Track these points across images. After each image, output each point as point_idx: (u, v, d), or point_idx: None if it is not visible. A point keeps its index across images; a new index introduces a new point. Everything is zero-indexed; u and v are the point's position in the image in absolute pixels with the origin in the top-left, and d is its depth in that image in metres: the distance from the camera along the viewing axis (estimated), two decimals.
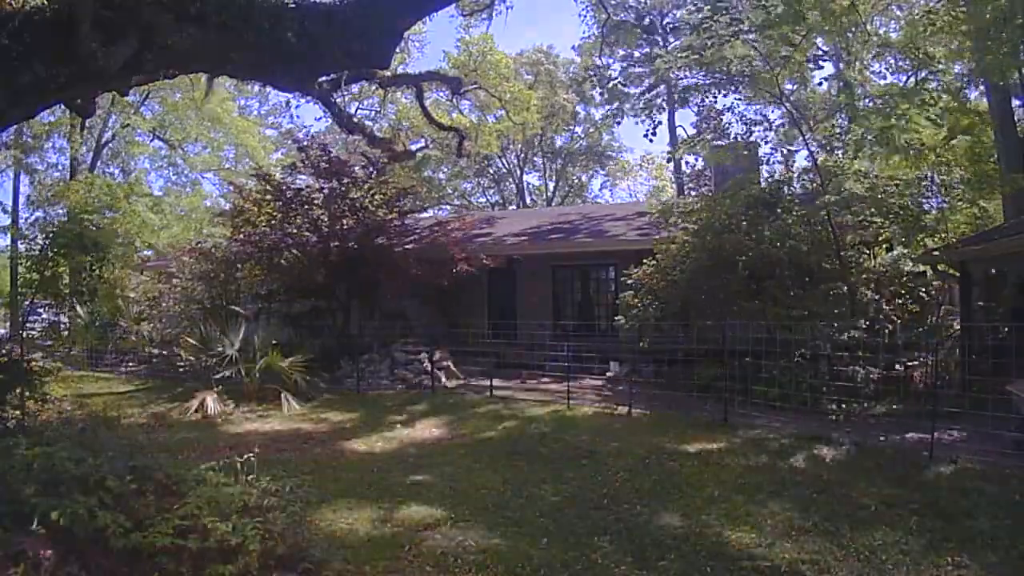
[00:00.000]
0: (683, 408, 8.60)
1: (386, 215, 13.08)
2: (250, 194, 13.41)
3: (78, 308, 16.28)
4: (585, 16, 25.86)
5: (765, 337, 8.35)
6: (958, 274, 11.15)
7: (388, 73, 13.27)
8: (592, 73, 26.10)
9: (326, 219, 12.78)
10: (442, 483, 5.78)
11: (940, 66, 12.34)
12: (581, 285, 14.64)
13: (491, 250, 13.70)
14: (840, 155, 10.22)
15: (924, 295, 9.57)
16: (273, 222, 12.96)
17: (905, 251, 10.18)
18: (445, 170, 33.99)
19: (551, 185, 37.90)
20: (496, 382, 10.36)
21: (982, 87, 15.13)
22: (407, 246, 12.93)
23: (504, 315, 13.73)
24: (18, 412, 6.76)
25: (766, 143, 11.15)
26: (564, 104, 30.85)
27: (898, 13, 18.04)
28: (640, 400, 8.77)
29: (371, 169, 13.65)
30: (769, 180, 10.91)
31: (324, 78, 9.74)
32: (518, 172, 36.21)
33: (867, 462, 6.09)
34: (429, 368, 11.17)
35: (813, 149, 10.24)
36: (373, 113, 25.44)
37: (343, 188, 12.88)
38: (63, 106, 8.11)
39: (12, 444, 4.03)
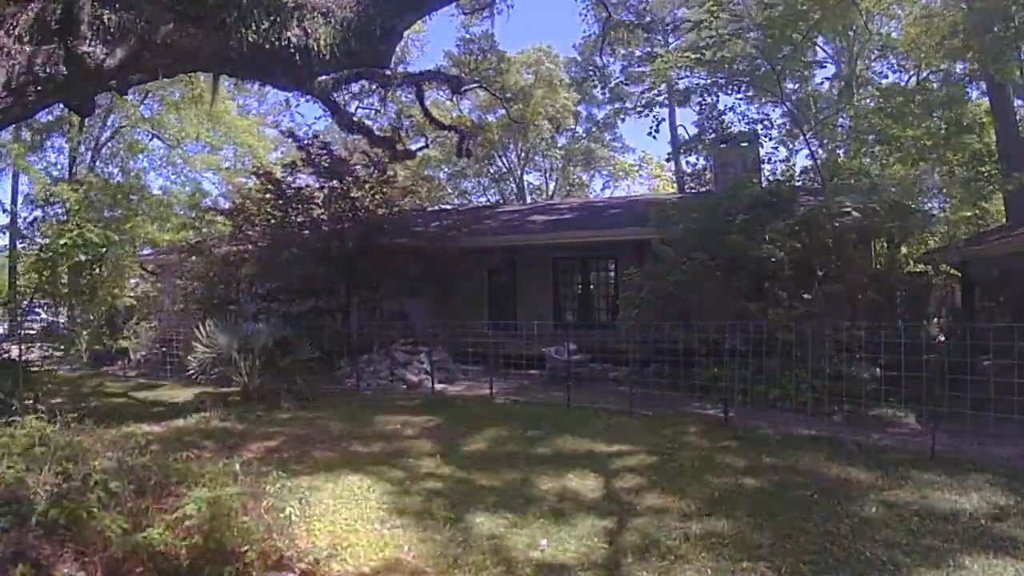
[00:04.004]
0: (684, 408, 8.60)
1: (386, 214, 13.05)
2: (250, 193, 13.39)
3: (77, 307, 16.29)
4: (586, 15, 25.95)
5: (766, 337, 8.34)
6: (959, 274, 11.15)
7: (388, 72, 13.24)
8: (593, 72, 26.17)
9: (326, 218, 12.76)
10: (441, 484, 5.79)
11: (942, 66, 12.36)
12: (582, 279, 14.59)
13: (492, 241, 13.68)
14: (841, 154, 10.22)
15: (925, 295, 9.56)
16: (273, 221, 12.94)
17: (906, 251, 10.18)
18: (446, 170, 33.99)
19: (551, 185, 37.88)
20: (496, 381, 10.34)
21: (983, 86, 15.11)
22: (407, 244, 12.90)
23: (505, 313, 13.70)
24: (16, 411, 6.74)
25: (769, 140, 11.19)
26: (564, 103, 30.82)
27: (899, 12, 18.02)
28: (641, 400, 8.76)
29: (372, 168, 13.63)
30: (770, 180, 10.91)
31: (324, 77, 9.75)
32: (518, 172, 36.19)
33: (868, 463, 6.08)
34: (429, 368, 11.16)
35: (814, 148, 10.24)
36: (373, 112, 25.40)
37: (344, 187, 12.87)
38: (62, 105, 8.10)
39: (10, 443, 4.02)
